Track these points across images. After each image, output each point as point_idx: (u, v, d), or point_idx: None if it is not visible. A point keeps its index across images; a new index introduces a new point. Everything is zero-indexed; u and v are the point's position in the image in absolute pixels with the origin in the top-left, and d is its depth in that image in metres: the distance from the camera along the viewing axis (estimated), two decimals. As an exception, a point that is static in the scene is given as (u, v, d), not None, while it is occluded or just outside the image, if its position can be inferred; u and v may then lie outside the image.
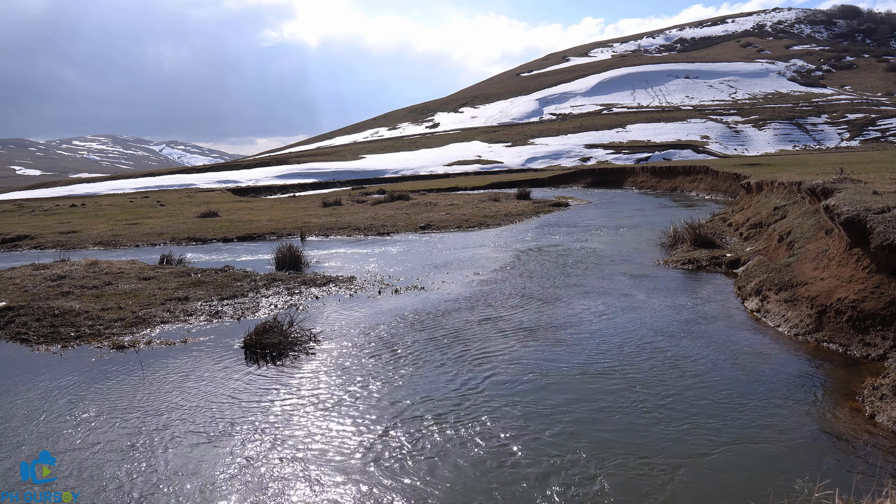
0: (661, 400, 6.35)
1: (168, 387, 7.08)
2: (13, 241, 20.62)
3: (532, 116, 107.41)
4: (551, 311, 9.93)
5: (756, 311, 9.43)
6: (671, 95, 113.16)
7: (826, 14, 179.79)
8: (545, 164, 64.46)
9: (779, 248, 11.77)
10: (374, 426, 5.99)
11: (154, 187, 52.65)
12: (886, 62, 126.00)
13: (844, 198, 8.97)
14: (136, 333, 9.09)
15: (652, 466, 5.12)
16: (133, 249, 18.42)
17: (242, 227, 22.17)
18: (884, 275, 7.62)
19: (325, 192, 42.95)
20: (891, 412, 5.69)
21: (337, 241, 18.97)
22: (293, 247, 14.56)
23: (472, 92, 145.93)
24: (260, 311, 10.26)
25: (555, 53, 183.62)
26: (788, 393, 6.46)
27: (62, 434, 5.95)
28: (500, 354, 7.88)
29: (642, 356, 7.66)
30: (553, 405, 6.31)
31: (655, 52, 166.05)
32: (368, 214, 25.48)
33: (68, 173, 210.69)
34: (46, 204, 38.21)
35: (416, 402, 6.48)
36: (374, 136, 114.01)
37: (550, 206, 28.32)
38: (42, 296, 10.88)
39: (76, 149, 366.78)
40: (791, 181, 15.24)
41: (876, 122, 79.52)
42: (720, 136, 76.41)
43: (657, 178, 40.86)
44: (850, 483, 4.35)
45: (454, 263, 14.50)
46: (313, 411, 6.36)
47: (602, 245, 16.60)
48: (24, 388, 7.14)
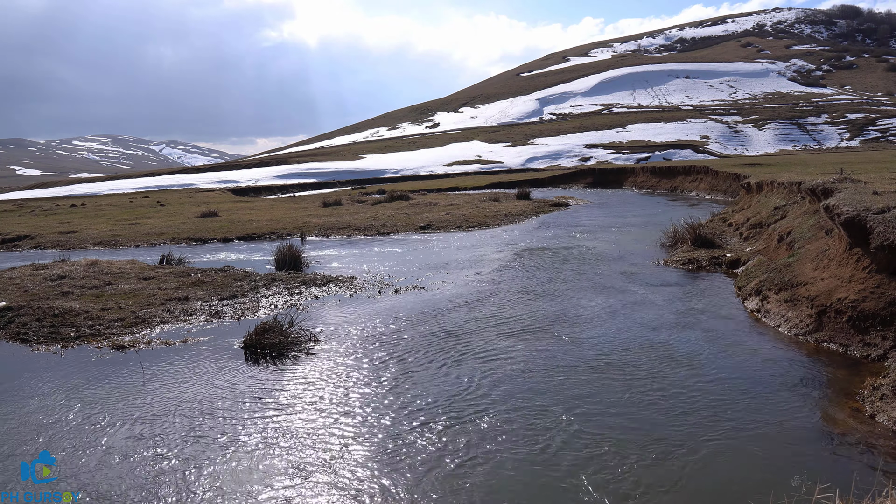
0: (661, 399, 6.35)
1: (168, 387, 7.08)
2: (13, 241, 20.62)
3: (532, 116, 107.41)
4: (551, 311, 9.93)
5: (756, 311, 9.42)
6: (671, 95, 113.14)
7: (826, 14, 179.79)
8: (545, 164, 64.45)
9: (779, 248, 11.77)
10: (375, 426, 5.99)
11: (154, 187, 52.65)
12: (886, 62, 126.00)
13: (844, 198, 8.96)
14: (136, 333, 9.08)
15: (648, 466, 5.12)
16: (133, 249, 18.42)
17: (242, 227, 22.17)
18: (884, 275, 7.62)
19: (325, 192, 42.95)
20: (891, 412, 5.69)
21: (337, 242, 18.97)
22: (293, 247, 14.56)
23: (472, 92, 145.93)
24: (260, 311, 10.26)
25: (555, 53, 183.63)
26: (788, 393, 6.46)
27: (62, 434, 5.95)
28: (502, 354, 7.87)
29: (642, 356, 7.66)
30: (552, 403, 6.31)
31: (655, 52, 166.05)
32: (368, 214, 25.48)
33: (68, 173, 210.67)
34: (46, 204, 38.21)
35: (417, 402, 6.47)
36: (374, 136, 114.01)
37: (550, 206, 28.31)
38: (42, 296, 10.88)
39: (76, 149, 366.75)
40: (791, 181, 15.24)
41: (876, 122, 79.52)
42: (720, 136, 76.41)
43: (657, 178, 40.86)
44: (850, 483, 4.35)
45: (454, 263, 14.50)
46: (314, 411, 6.36)
47: (602, 245, 16.60)
48: (24, 388, 7.14)
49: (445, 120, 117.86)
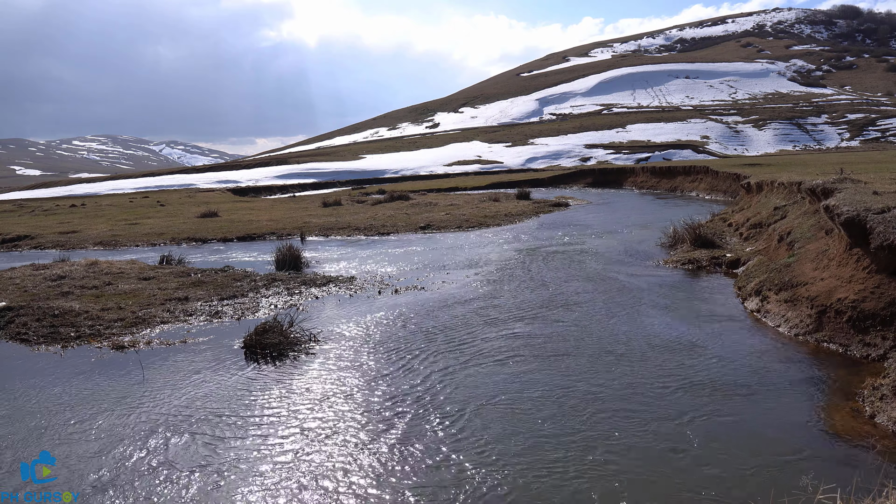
0: (661, 399, 6.35)
1: (168, 387, 7.08)
2: (13, 241, 20.62)
3: (532, 116, 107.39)
4: (551, 311, 9.93)
5: (756, 311, 9.42)
6: (671, 95, 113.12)
7: (826, 14, 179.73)
8: (545, 164, 64.44)
9: (779, 248, 11.77)
10: (375, 426, 5.99)
11: (154, 187, 52.66)
12: (886, 62, 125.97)
13: (844, 198, 8.97)
14: (136, 333, 9.09)
15: (646, 464, 5.12)
16: (133, 249, 18.42)
17: (242, 227, 22.17)
18: (884, 275, 7.62)
19: (325, 193, 42.95)
20: (891, 412, 5.69)
21: (337, 242, 18.97)
22: (293, 247, 14.57)
23: (472, 92, 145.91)
24: (260, 312, 10.26)
25: (555, 53, 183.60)
26: (788, 393, 6.46)
27: (62, 434, 5.95)
28: (503, 354, 7.87)
29: (642, 356, 7.66)
30: (552, 403, 6.31)
31: (655, 52, 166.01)
32: (368, 214, 25.48)
33: (68, 173, 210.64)
34: (46, 204, 38.21)
35: (417, 402, 6.47)
36: (373, 136, 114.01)
37: (550, 207, 28.31)
38: (42, 296, 10.88)
39: (76, 149, 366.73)
40: (791, 181, 15.24)
41: (876, 122, 79.50)
42: (720, 136, 76.40)
43: (657, 179, 40.85)
44: (850, 483, 4.35)
45: (454, 263, 14.50)
46: (314, 412, 6.36)
47: (602, 245, 16.60)
48: (24, 388, 7.14)
49: (445, 120, 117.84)
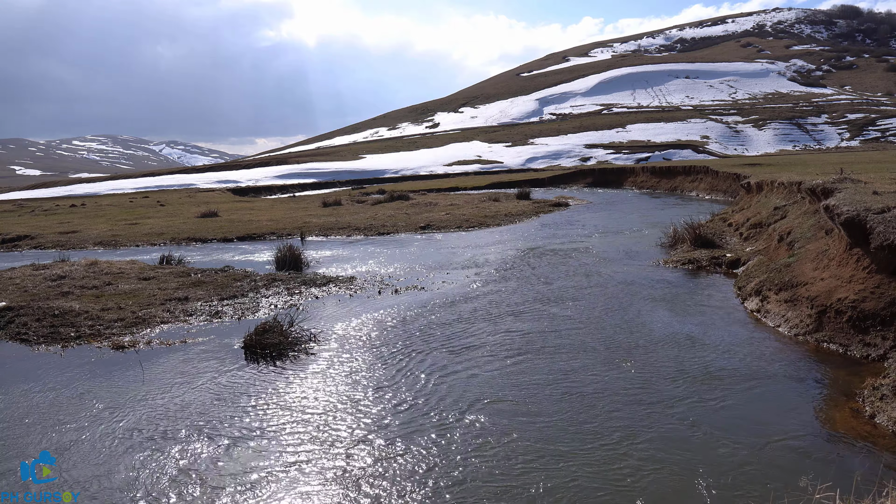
0: (661, 399, 6.35)
1: (168, 387, 7.08)
2: (13, 241, 20.61)
3: (532, 116, 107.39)
4: (551, 311, 9.93)
5: (756, 311, 9.42)
6: (671, 95, 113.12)
7: (826, 14, 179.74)
8: (545, 164, 64.45)
9: (779, 248, 11.77)
10: (375, 426, 5.99)
11: (154, 187, 52.65)
12: (886, 62, 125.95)
13: (844, 198, 8.97)
14: (136, 333, 9.08)
15: (644, 467, 5.12)
16: (133, 249, 18.42)
17: (242, 227, 22.17)
18: (884, 275, 7.62)
19: (325, 192, 42.93)
20: (891, 412, 5.69)
21: (337, 242, 18.97)
22: (293, 247, 14.56)
23: (472, 92, 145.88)
24: (260, 312, 10.26)
25: (555, 53, 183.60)
26: (788, 393, 6.46)
27: (62, 434, 5.95)
28: (503, 353, 7.87)
29: (642, 356, 7.66)
30: (551, 401, 6.32)
31: (655, 52, 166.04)
32: (368, 214, 25.47)
33: (68, 173, 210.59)
34: (46, 204, 38.20)
35: (418, 403, 6.47)
36: (373, 136, 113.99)
37: (550, 206, 28.30)
38: (42, 296, 10.88)
39: (76, 149, 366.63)
40: (791, 181, 15.24)
41: (876, 122, 79.49)
42: (720, 136, 76.40)
43: (657, 179, 40.85)
44: (850, 483, 4.35)
45: (454, 263, 14.50)
46: (314, 411, 6.35)
47: (602, 245, 16.60)
48: (24, 388, 7.14)
49: (445, 120, 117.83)
